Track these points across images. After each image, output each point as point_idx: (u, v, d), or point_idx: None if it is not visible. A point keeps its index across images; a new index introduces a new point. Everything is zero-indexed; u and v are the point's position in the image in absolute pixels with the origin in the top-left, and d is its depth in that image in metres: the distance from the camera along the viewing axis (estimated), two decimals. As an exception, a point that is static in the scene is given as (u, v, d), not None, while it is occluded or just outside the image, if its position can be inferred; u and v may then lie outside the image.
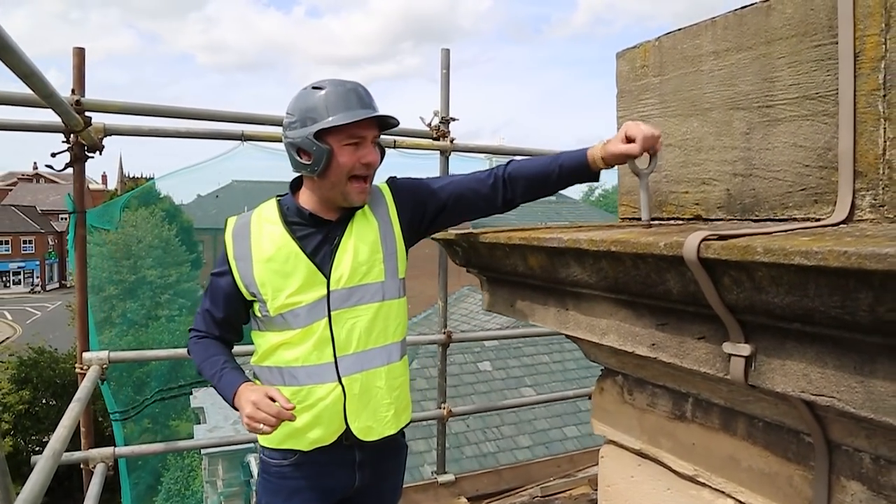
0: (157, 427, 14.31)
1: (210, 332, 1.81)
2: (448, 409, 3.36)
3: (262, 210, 1.78)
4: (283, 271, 1.68)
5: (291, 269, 1.68)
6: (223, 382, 1.70)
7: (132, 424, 14.75)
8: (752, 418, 1.31)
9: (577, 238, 1.27)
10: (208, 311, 1.80)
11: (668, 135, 1.59)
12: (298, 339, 1.68)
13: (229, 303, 1.77)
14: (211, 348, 1.79)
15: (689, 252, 0.99)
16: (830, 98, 1.21)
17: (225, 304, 1.77)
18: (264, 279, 1.68)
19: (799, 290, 0.88)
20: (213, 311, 1.79)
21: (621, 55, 1.75)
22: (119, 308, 20.39)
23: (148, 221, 21.79)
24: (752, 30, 1.36)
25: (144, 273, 21.11)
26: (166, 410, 16.50)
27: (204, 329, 1.81)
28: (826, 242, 0.84)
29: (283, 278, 1.67)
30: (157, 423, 14.20)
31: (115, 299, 20.62)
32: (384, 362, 1.77)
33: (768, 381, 1.03)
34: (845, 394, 0.91)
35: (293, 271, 1.68)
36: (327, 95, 1.63)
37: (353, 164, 1.65)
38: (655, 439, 1.59)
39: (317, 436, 1.70)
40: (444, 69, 3.20)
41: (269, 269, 1.68)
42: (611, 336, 1.37)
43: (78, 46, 2.50)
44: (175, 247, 22.82)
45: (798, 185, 1.28)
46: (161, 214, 22.05)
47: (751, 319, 1.02)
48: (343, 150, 1.64)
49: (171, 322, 18.93)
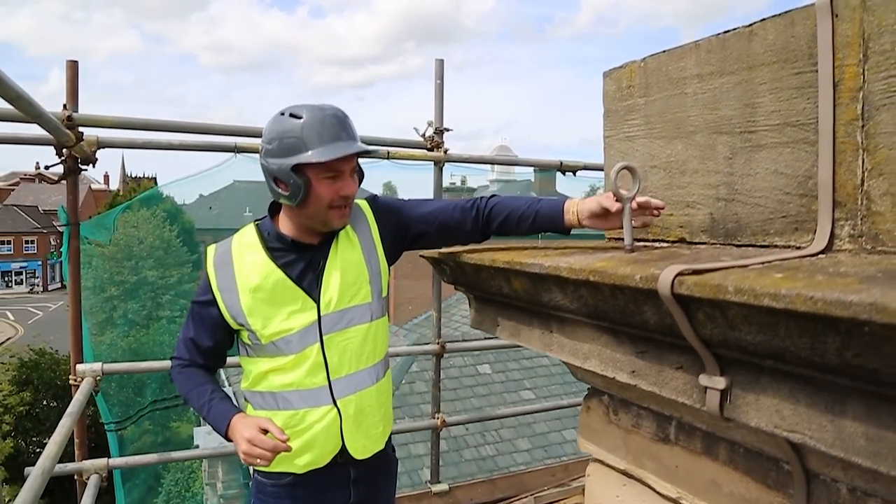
0: (157, 429, 14.35)
1: (194, 361, 1.80)
2: (442, 418, 3.36)
3: (242, 237, 1.77)
4: (272, 300, 1.67)
5: (280, 296, 1.67)
6: (213, 413, 1.69)
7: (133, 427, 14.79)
8: (734, 444, 1.32)
9: (557, 265, 1.27)
10: (192, 339, 1.79)
11: (654, 156, 1.59)
12: (291, 364, 1.68)
13: (214, 332, 1.76)
14: (197, 377, 1.78)
15: (663, 287, 0.99)
16: (811, 126, 1.21)
17: (210, 333, 1.76)
18: (252, 309, 1.67)
19: (770, 330, 0.88)
20: (196, 339, 1.78)
21: (608, 74, 1.75)
22: (120, 309, 20.44)
23: (149, 222, 21.82)
24: (735, 54, 1.36)
25: (145, 274, 21.16)
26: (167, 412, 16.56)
27: (188, 357, 1.80)
28: (797, 283, 0.84)
29: (272, 307, 1.67)
30: (158, 424, 14.24)
31: (117, 300, 20.68)
32: (374, 381, 1.79)
33: (743, 416, 1.03)
34: (817, 432, 0.91)
35: (282, 299, 1.67)
36: (304, 126, 1.58)
37: (332, 197, 1.64)
38: (640, 460, 1.59)
39: (309, 459, 1.71)
40: (439, 79, 3.20)
41: (257, 298, 1.67)
42: (593, 361, 1.37)
43: (71, 60, 2.50)
44: (176, 247, 22.86)
45: (779, 212, 1.28)
46: (162, 215, 22.08)
47: (726, 353, 1.03)
48: (321, 183, 1.62)
49: (171, 323, 18.96)
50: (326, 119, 1.60)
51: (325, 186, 1.62)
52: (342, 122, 1.63)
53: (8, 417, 15.37)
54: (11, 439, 15.22)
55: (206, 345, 1.77)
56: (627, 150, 1.66)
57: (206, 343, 1.77)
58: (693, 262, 1.16)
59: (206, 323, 1.75)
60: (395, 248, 1.84)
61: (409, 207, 1.84)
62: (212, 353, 1.80)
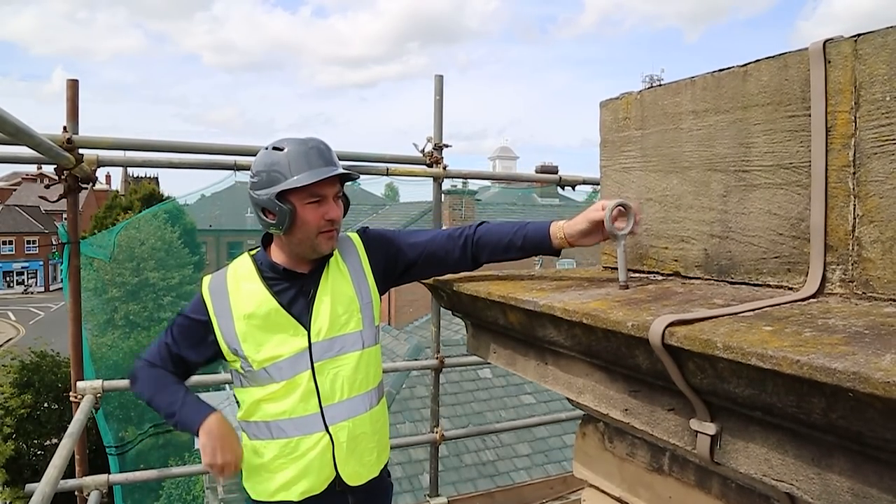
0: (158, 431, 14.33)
1: (164, 366, 1.79)
2: (441, 433, 3.37)
3: (238, 268, 1.81)
4: (265, 326, 1.71)
5: (272, 324, 1.71)
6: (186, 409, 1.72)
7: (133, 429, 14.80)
8: (726, 479, 1.33)
9: (552, 304, 1.28)
10: (168, 345, 1.79)
11: (650, 189, 1.60)
12: (283, 392, 1.70)
13: (196, 347, 1.78)
14: (169, 378, 1.79)
15: (654, 337, 1.01)
16: (804, 169, 1.22)
17: (191, 347, 1.78)
18: (246, 335, 1.70)
19: (758, 385, 0.90)
20: (175, 348, 1.79)
21: (605, 105, 1.76)
22: (121, 310, 20.49)
23: (150, 223, 21.84)
24: (730, 93, 1.37)
25: (147, 275, 21.20)
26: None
27: (158, 362, 1.80)
28: (784, 342, 0.86)
29: (264, 333, 1.71)
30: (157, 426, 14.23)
31: (118, 301, 20.72)
32: (367, 408, 1.81)
33: (732, 461, 1.04)
34: (804, 483, 0.93)
35: (274, 326, 1.71)
36: (288, 155, 1.66)
37: (318, 222, 1.69)
38: (634, 489, 1.61)
39: (305, 487, 1.73)
40: (438, 95, 3.21)
41: (251, 325, 1.71)
42: (587, 396, 1.38)
43: (71, 79, 2.52)
44: (177, 249, 22.88)
45: (772, 253, 1.30)
46: (164, 217, 22.10)
47: (716, 402, 1.04)
48: (306, 209, 1.67)
49: (173, 325, 18.95)
50: (308, 150, 1.68)
51: (310, 211, 1.68)
52: (322, 152, 1.70)
53: (9, 420, 15.38)
54: (13, 441, 15.23)
55: (183, 356, 1.79)
56: (623, 182, 1.68)
57: (183, 354, 1.79)
58: (685, 305, 1.17)
59: (191, 338, 1.78)
60: (386, 278, 1.87)
61: (400, 238, 1.88)
62: (185, 366, 1.81)
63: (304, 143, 1.69)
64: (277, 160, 1.66)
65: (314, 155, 1.67)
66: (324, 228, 1.70)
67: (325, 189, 1.69)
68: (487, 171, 4.02)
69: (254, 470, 1.78)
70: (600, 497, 1.76)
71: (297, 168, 1.65)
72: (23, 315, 38.92)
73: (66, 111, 2.47)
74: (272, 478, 1.74)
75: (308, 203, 1.67)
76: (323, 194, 1.69)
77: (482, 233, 1.79)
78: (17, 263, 50.53)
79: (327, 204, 1.70)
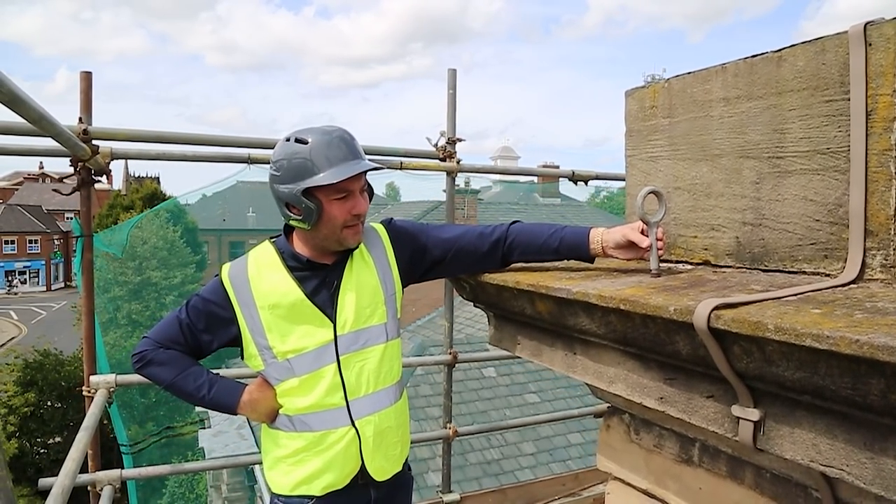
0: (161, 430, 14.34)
1: (176, 346, 1.72)
2: (454, 428, 3.36)
3: (259, 256, 1.76)
4: (289, 317, 1.67)
5: (298, 315, 1.67)
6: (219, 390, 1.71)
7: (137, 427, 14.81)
8: (760, 469, 1.31)
9: (586, 291, 1.27)
10: (182, 325, 1.72)
11: (678, 178, 1.58)
12: (307, 385, 1.67)
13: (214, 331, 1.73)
14: (187, 360, 1.72)
15: (699, 321, 0.99)
16: (842, 154, 1.21)
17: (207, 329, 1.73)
18: (271, 325, 1.67)
19: (809, 367, 0.88)
20: (188, 328, 1.72)
21: (630, 94, 1.74)
22: (124, 309, 20.49)
23: (153, 223, 21.84)
24: (763, 79, 1.36)
25: (149, 274, 21.19)
26: (170, 413, 16.59)
27: (171, 343, 1.72)
28: (838, 323, 0.84)
29: (288, 324, 1.67)
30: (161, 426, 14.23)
31: (121, 300, 20.72)
32: (392, 401, 1.79)
33: (777, 448, 1.03)
34: (855, 468, 0.91)
35: (299, 317, 1.67)
36: (312, 150, 1.58)
37: (345, 217, 1.63)
38: (662, 480, 1.59)
39: (329, 481, 1.70)
40: (451, 90, 3.19)
41: (276, 315, 1.67)
42: (618, 385, 1.37)
43: (85, 71, 2.50)
44: (180, 248, 22.88)
45: (808, 239, 1.28)
46: (165, 216, 22.10)
47: (761, 387, 1.02)
48: (333, 204, 1.62)
49: (175, 324, 18.95)
50: (333, 141, 1.61)
51: (337, 207, 1.62)
52: (348, 143, 1.63)
53: (12, 418, 15.41)
54: (16, 440, 15.24)
55: (198, 338, 1.73)
56: (650, 171, 1.66)
57: (198, 336, 1.73)
58: (724, 291, 1.16)
59: (207, 321, 1.72)
60: (411, 272, 1.83)
61: (428, 232, 1.83)
62: (198, 348, 1.74)
63: (328, 134, 1.62)
64: (301, 153, 1.59)
65: (340, 148, 1.60)
66: (350, 223, 1.65)
67: (353, 184, 1.63)
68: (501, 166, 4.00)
69: (275, 462, 1.75)
70: (625, 489, 1.74)
71: (323, 163, 1.58)
72: (25, 314, 38.97)
73: (79, 103, 2.46)
74: (293, 471, 1.71)
75: (335, 199, 1.61)
76: (350, 189, 1.63)
77: (516, 232, 1.74)
78: (20, 263, 50.54)
79: (354, 199, 1.64)
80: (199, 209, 30.28)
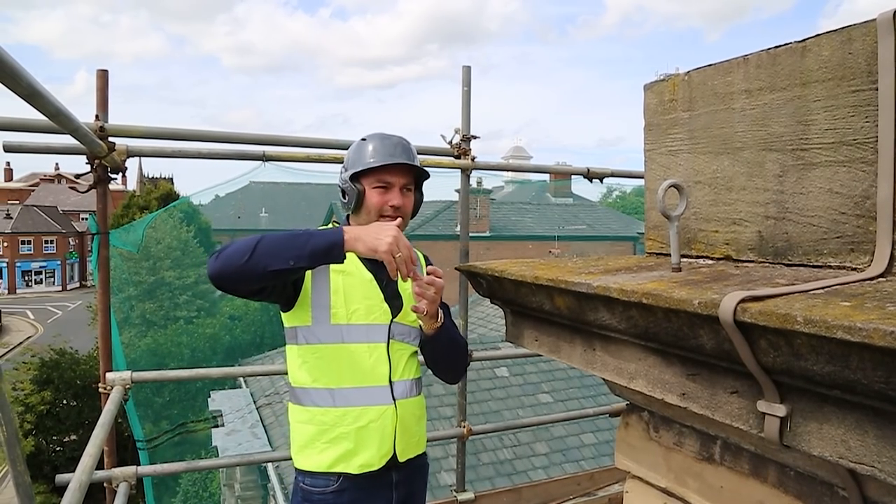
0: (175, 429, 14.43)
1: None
2: (469, 427, 3.34)
3: None
4: (357, 288, 1.81)
5: (365, 290, 1.82)
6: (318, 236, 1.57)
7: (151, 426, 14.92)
8: (784, 467, 1.29)
9: (606, 286, 1.25)
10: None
11: (698, 172, 1.56)
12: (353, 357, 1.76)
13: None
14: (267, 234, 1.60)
15: (725, 314, 0.97)
16: (869, 146, 1.18)
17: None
18: (338, 287, 1.78)
19: (840, 361, 0.86)
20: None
21: (649, 87, 1.72)
22: (138, 309, 20.64)
23: (166, 223, 21.99)
24: (787, 70, 1.33)
25: (163, 274, 21.33)
26: (184, 412, 16.68)
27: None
28: (870, 315, 0.82)
29: (354, 293, 1.79)
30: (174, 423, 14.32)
31: (135, 300, 20.87)
32: (418, 392, 1.93)
33: (805, 444, 1.00)
34: (887, 465, 0.89)
35: (366, 292, 1.81)
36: (369, 144, 1.84)
37: (381, 206, 1.80)
38: (682, 479, 1.57)
39: (365, 459, 1.75)
40: (466, 87, 3.18)
41: (347, 282, 1.79)
42: (639, 381, 1.35)
43: (101, 69, 2.51)
44: (193, 248, 23.02)
45: (833, 233, 1.25)
46: (179, 216, 22.25)
47: (787, 381, 1.00)
48: (372, 192, 1.82)
49: (189, 324, 19.10)
50: (389, 140, 1.85)
51: (377, 195, 1.81)
52: (402, 146, 1.85)
53: (29, 416, 15.56)
54: (33, 438, 15.41)
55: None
56: (670, 165, 1.64)
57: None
58: (748, 285, 1.13)
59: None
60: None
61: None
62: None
63: (387, 137, 1.86)
64: (360, 146, 1.85)
65: (394, 147, 1.82)
66: (385, 213, 1.80)
67: (394, 177, 1.82)
68: (515, 164, 3.98)
69: (309, 439, 1.77)
70: (644, 488, 1.72)
71: (374, 154, 1.80)
72: (41, 314, 39.43)
73: (95, 101, 2.47)
74: (328, 448, 1.75)
75: (375, 187, 1.81)
76: (391, 181, 1.82)
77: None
78: (36, 263, 51.08)
79: (393, 191, 1.82)
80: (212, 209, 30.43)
